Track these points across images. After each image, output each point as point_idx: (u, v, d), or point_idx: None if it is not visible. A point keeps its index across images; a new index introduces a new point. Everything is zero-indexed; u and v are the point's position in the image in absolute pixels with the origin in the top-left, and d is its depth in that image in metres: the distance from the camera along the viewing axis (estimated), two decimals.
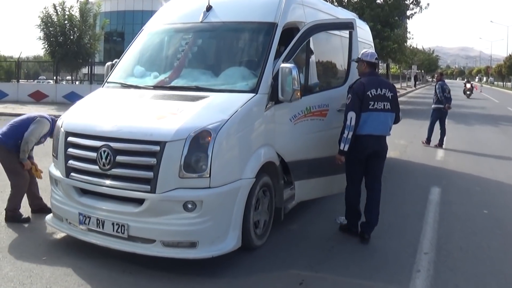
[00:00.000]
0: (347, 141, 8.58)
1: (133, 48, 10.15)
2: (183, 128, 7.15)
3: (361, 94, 8.57)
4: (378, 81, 8.87)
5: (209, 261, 7.32)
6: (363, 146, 8.65)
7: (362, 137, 8.61)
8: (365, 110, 8.57)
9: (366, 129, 8.59)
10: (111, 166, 7.34)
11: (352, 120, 8.54)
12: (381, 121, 8.67)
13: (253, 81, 8.24)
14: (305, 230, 9.36)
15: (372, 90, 8.59)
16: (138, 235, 7.27)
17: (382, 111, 8.64)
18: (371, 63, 9.03)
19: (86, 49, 46.32)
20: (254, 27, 9.21)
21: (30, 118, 9.49)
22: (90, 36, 46.96)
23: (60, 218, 8.28)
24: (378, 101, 8.60)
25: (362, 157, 8.74)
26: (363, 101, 8.56)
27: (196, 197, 7.04)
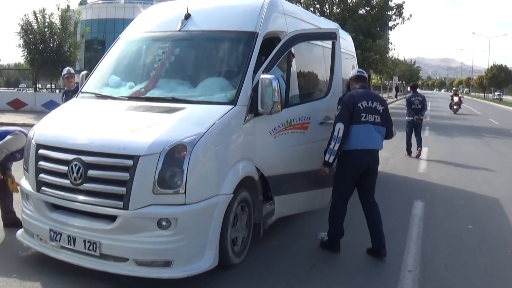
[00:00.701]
0: (333, 152, 8.39)
1: (108, 57, 9.86)
2: (157, 142, 6.87)
3: (351, 105, 8.38)
4: (368, 94, 8.71)
5: (185, 281, 7.02)
6: (357, 162, 8.44)
7: (357, 152, 8.41)
8: (357, 122, 8.37)
9: (360, 143, 8.38)
10: (83, 180, 7.05)
11: (340, 132, 8.33)
12: (374, 134, 8.48)
13: (232, 93, 7.97)
14: (285, 247, 9.09)
15: (363, 102, 8.41)
16: (110, 253, 6.98)
17: (373, 124, 8.44)
18: (355, 77, 8.97)
19: (66, 57, 45.99)
20: (233, 36, 8.94)
21: (8, 131, 9.33)
22: (70, 44, 46.66)
23: (31, 234, 7.98)
24: (369, 113, 8.41)
25: (356, 173, 8.52)
26: (354, 113, 8.36)
27: (171, 214, 6.75)
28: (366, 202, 8.77)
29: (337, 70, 9.65)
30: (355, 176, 8.55)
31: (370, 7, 45.26)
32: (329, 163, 8.50)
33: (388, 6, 45.29)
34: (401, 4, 45.88)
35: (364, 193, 8.76)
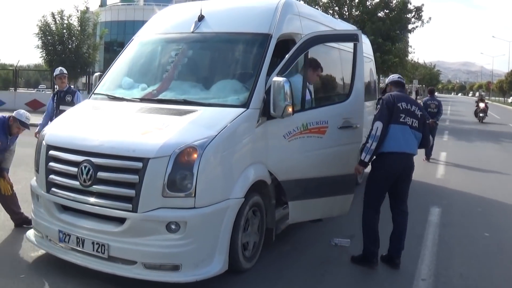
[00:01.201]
0: (370, 151, 8.16)
1: (122, 58, 9.84)
2: (167, 144, 6.81)
3: (391, 105, 8.20)
4: (407, 97, 8.55)
5: (193, 285, 6.92)
6: (393, 165, 8.22)
7: (393, 154, 8.17)
8: (396, 122, 8.17)
9: (397, 146, 8.15)
10: (92, 182, 7.01)
11: (378, 130, 8.10)
12: (411, 138, 8.24)
13: (245, 95, 7.88)
14: (297, 252, 8.96)
15: (402, 103, 8.23)
16: (119, 256, 6.93)
17: (411, 128, 8.22)
18: (395, 82, 8.82)
19: (84, 58, 46.08)
20: (247, 38, 8.85)
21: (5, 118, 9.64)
22: (89, 45, 46.73)
23: (40, 235, 7.96)
24: (408, 115, 8.21)
25: (390, 177, 8.26)
26: (393, 113, 8.17)
27: (180, 218, 6.68)
28: (397, 209, 8.50)
29: (359, 73, 9.45)
30: (389, 181, 8.29)
31: (389, 9, 45.08)
32: (365, 162, 8.29)
33: (407, 9, 45.04)
34: (420, 7, 45.64)
35: (397, 199, 8.49)
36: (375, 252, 8.36)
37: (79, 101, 11.99)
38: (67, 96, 12.47)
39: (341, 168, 9.10)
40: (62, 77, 12.72)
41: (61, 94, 12.59)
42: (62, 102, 12.37)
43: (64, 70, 13.04)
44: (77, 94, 12.72)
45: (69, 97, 12.45)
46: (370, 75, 15.20)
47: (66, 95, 12.51)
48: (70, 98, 12.41)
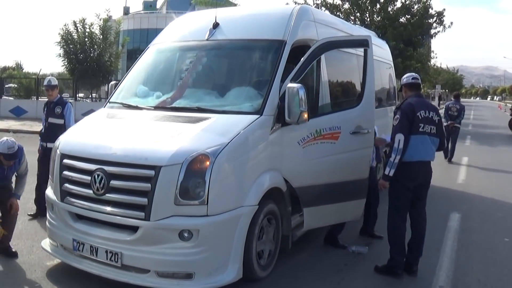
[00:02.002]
0: (394, 165, 8.04)
1: (138, 66, 9.90)
2: (179, 152, 6.80)
3: (411, 115, 8.07)
4: (425, 103, 8.43)
5: None
6: (415, 174, 8.13)
7: (413, 164, 8.08)
8: (416, 132, 8.06)
9: (417, 155, 8.06)
10: (105, 190, 7.02)
11: (400, 143, 7.98)
12: (429, 146, 8.17)
13: (258, 102, 7.85)
14: (314, 260, 8.90)
15: (421, 112, 8.10)
16: (132, 264, 6.93)
17: (429, 135, 8.14)
18: (410, 84, 8.63)
19: (106, 66, 46.29)
20: (261, 45, 8.84)
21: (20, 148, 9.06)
22: (111, 53, 46.92)
23: (55, 244, 7.98)
24: (426, 124, 8.10)
25: (412, 185, 8.16)
26: (413, 124, 8.05)
27: (193, 226, 6.65)
28: (416, 215, 8.40)
29: (370, 79, 9.37)
30: (411, 189, 8.19)
31: (411, 15, 44.81)
32: (388, 177, 8.16)
33: (429, 14, 44.76)
34: (441, 11, 45.30)
35: (416, 206, 8.38)
36: (401, 262, 8.27)
37: (69, 113, 11.50)
38: (56, 108, 11.49)
39: (353, 173, 9.08)
40: (49, 89, 11.65)
41: (51, 105, 11.60)
42: (52, 114, 11.47)
43: (53, 80, 11.87)
44: (68, 105, 11.65)
45: (59, 109, 11.45)
46: (389, 81, 15.12)
47: (56, 106, 11.52)
48: (59, 110, 11.43)
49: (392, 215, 8.38)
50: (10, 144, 8.40)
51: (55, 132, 10.50)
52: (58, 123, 11.32)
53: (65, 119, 11.40)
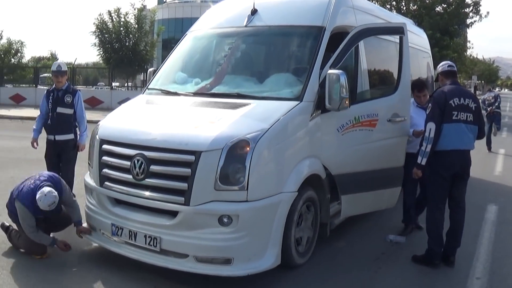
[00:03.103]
0: (425, 154, 7.98)
1: (176, 53, 9.90)
2: (220, 138, 6.78)
3: (442, 103, 7.97)
4: (460, 90, 8.27)
5: (245, 279, 6.90)
6: (449, 163, 8.02)
7: (447, 152, 7.99)
8: (448, 121, 7.95)
9: (451, 143, 7.96)
10: (145, 176, 7.04)
11: (431, 132, 7.93)
12: (466, 134, 8.01)
13: (298, 88, 7.81)
14: (351, 248, 8.87)
15: (454, 99, 7.97)
16: (171, 249, 6.94)
17: (465, 123, 7.99)
18: (446, 72, 8.52)
19: (142, 55, 46.53)
20: (300, 31, 8.79)
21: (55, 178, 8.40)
22: (146, 43, 47.12)
23: (93, 228, 8.04)
24: (461, 111, 7.96)
25: (448, 175, 8.06)
26: (445, 111, 7.95)
27: (232, 211, 6.64)
28: (454, 206, 8.30)
29: (405, 66, 9.35)
30: (448, 179, 8.09)
31: (447, 4, 44.36)
32: (421, 166, 8.11)
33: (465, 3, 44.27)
34: (477, 1, 44.73)
35: (455, 196, 8.28)
36: (438, 252, 8.20)
37: (81, 102, 10.53)
38: (66, 96, 10.32)
39: (389, 161, 9.09)
40: (58, 75, 10.37)
41: (58, 93, 10.38)
42: (60, 103, 10.28)
43: (62, 66, 10.63)
44: (78, 94, 10.60)
45: (69, 98, 10.33)
46: (427, 69, 14.96)
47: (66, 95, 10.34)
48: (70, 99, 10.33)
49: (430, 205, 8.35)
50: (50, 200, 7.70)
51: (64, 123, 10.28)
52: (68, 113, 10.30)
53: (76, 109, 10.41)
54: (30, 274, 7.37)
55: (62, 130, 10.10)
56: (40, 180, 7.97)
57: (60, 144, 10.20)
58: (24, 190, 7.89)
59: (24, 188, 7.95)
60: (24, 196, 7.82)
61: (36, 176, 8.18)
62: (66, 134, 10.29)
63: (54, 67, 10.44)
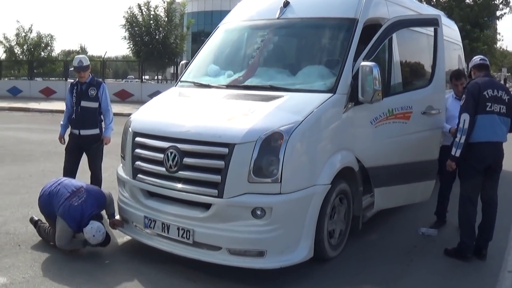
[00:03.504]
0: (460, 146, 7.94)
1: (208, 46, 9.91)
2: (253, 130, 6.77)
3: (476, 94, 7.92)
4: (493, 82, 8.21)
5: (278, 272, 6.91)
6: (482, 156, 7.96)
7: (480, 144, 7.93)
8: (482, 112, 7.91)
9: (485, 135, 7.90)
10: (178, 168, 7.03)
11: (465, 123, 7.89)
12: (499, 126, 7.95)
13: (331, 81, 7.77)
14: (383, 241, 8.84)
15: (488, 91, 7.92)
16: (204, 242, 6.95)
17: (498, 115, 7.92)
18: (478, 66, 8.46)
19: (171, 48, 46.66)
20: (333, 24, 8.73)
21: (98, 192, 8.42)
22: (176, 36, 47.24)
23: (126, 221, 8.08)
24: (495, 103, 7.90)
25: (481, 167, 8.01)
26: (479, 103, 7.90)
27: (266, 204, 6.63)
28: (487, 199, 8.25)
29: (440, 58, 9.30)
30: (481, 171, 8.05)
31: None
32: (456, 157, 8.04)
33: None
34: None
35: (487, 189, 8.22)
36: (470, 246, 8.15)
37: (105, 95, 10.07)
38: (90, 90, 9.89)
39: (423, 154, 9.05)
40: (81, 71, 9.86)
41: (82, 87, 9.96)
42: (85, 97, 9.87)
43: (84, 60, 10.00)
44: (103, 86, 10.13)
45: (93, 91, 9.90)
46: (458, 62, 14.84)
47: (90, 88, 9.93)
48: (94, 92, 9.90)
49: (463, 197, 8.26)
50: (99, 239, 7.70)
51: (89, 117, 9.90)
52: (92, 106, 9.91)
53: (101, 102, 9.97)
54: (62, 267, 7.41)
55: (87, 124, 9.83)
56: (87, 202, 7.87)
57: (84, 139, 9.90)
58: (71, 210, 7.75)
59: (69, 207, 7.77)
60: (70, 217, 7.73)
61: (79, 190, 8.00)
62: (91, 128, 9.92)
63: (76, 62, 9.92)
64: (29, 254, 7.89)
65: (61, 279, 6.95)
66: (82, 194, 7.90)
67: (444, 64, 9.57)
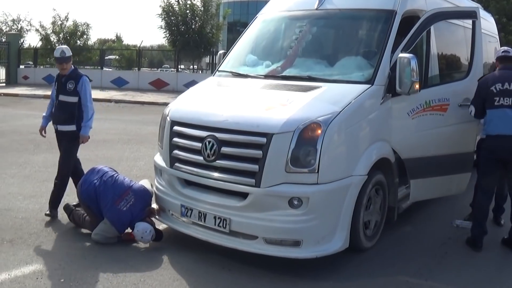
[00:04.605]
0: None
1: (246, 36, 9.93)
2: (291, 120, 6.79)
3: (483, 89, 8.07)
4: (507, 76, 8.12)
5: (313, 262, 6.96)
6: (494, 147, 7.98)
7: (492, 138, 8.00)
8: (491, 107, 7.96)
9: (496, 128, 7.93)
10: (216, 157, 7.08)
11: (471, 113, 8.30)
12: (510, 118, 7.89)
13: (369, 72, 7.77)
14: (418, 233, 8.84)
15: (497, 85, 7.93)
16: (240, 231, 7.01)
17: (509, 108, 7.87)
18: (500, 58, 8.46)
19: (208, 38, 46.69)
20: (371, 15, 8.74)
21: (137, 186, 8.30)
22: (212, 25, 47.29)
23: (162, 209, 8.15)
24: (504, 96, 7.87)
25: (495, 160, 8.02)
26: (487, 97, 7.98)
27: (303, 194, 6.65)
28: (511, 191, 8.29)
29: (478, 51, 9.28)
30: (495, 164, 8.06)
31: None
32: None
33: None
34: None
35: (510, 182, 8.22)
36: (477, 235, 8.17)
37: (85, 89, 9.14)
38: (68, 83, 9.07)
39: (459, 146, 9.02)
40: (63, 63, 9.10)
41: (62, 80, 9.19)
42: (62, 90, 9.12)
43: (67, 51, 9.25)
44: (83, 79, 9.17)
45: (71, 84, 9.05)
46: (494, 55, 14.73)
47: (68, 81, 9.09)
48: (72, 86, 9.04)
49: (477, 188, 8.44)
50: (149, 239, 7.81)
51: (65, 112, 9.07)
52: (70, 101, 9.08)
53: (81, 96, 9.11)
54: (98, 255, 7.49)
55: (64, 120, 9.10)
56: (135, 206, 7.96)
57: (61, 135, 9.25)
58: (121, 216, 7.85)
59: (118, 212, 7.87)
60: (120, 223, 7.86)
61: (126, 193, 8.04)
62: (67, 125, 9.09)
63: (57, 52, 9.14)
64: (64, 241, 8.02)
65: (97, 267, 7.04)
66: (129, 197, 7.97)
67: (482, 57, 9.55)
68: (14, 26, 60.35)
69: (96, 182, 8.16)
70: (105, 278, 6.69)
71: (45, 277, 6.71)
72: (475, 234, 8.17)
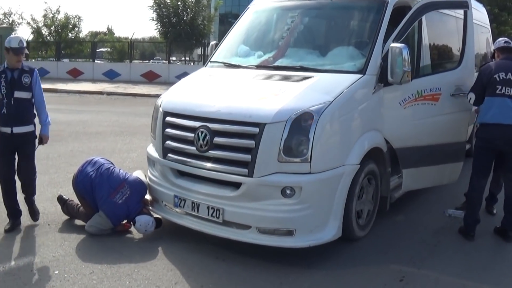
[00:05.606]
0: None
1: (238, 27, 9.91)
2: (284, 110, 6.80)
3: (486, 77, 8.07)
4: (510, 65, 8.15)
5: (306, 251, 6.99)
6: (490, 136, 8.01)
7: (490, 126, 8.00)
8: (491, 94, 7.99)
9: (494, 117, 7.93)
10: (209, 147, 7.08)
11: (471, 101, 8.34)
12: (510, 109, 7.91)
13: (361, 62, 7.79)
14: (410, 222, 8.88)
15: (500, 74, 7.97)
16: (233, 220, 7.03)
17: (510, 98, 7.90)
18: (501, 48, 8.52)
19: (199, 30, 46.75)
20: (363, 5, 8.76)
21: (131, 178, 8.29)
22: (204, 17, 47.31)
23: (155, 200, 8.16)
24: (506, 86, 7.91)
25: (491, 148, 8.07)
26: (489, 85, 8.01)
27: (295, 183, 6.68)
28: (508, 181, 8.28)
29: (469, 40, 9.32)
30: (490, 152, 8.12)
31: None
32: None
33: None
34: None
35: (505, 171, 8.30)
36: (470, 224, 8.22)
37: (39, 84, 8.30)
38: (24, 77, 8.09)
39: (452, 135, 9.09)
40: (19, 54, 8.14)
41: (14, 74, 8.10)
42: (18, 86, 8.04)
43: (24, 41, 8.39)
44: (36, 73, 8.32)
45: (27, 78, 8.10)
46: (486, 45, 14.79)
47: (23, 75, 8.11)
48: (28, 80, 8.11)
49: (471, 177, 8.38)
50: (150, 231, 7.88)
51: (24, 111, 8.13)
52: (27, 97, 8.16)
53: (35, 92, 8.24)
54: (92, 245, 7.54)
55: (22, 120, 8.09)
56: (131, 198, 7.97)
57: (18, 138, 8.08)
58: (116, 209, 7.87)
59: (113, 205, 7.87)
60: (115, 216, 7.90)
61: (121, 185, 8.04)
62: (26, 125, 8.13)
63: (15, 42, 8.12)
64: (58, 233, 8.03)
65: (91, 258, 7.08)
66: (125, 190, 7.98)
67: (474, 46, 9.59)
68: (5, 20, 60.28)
69: (93, 174, 8.17)
70: (99, 269, 6.71)
71: (39, 269, 6.74)
72: (468, 223, 8.21)
